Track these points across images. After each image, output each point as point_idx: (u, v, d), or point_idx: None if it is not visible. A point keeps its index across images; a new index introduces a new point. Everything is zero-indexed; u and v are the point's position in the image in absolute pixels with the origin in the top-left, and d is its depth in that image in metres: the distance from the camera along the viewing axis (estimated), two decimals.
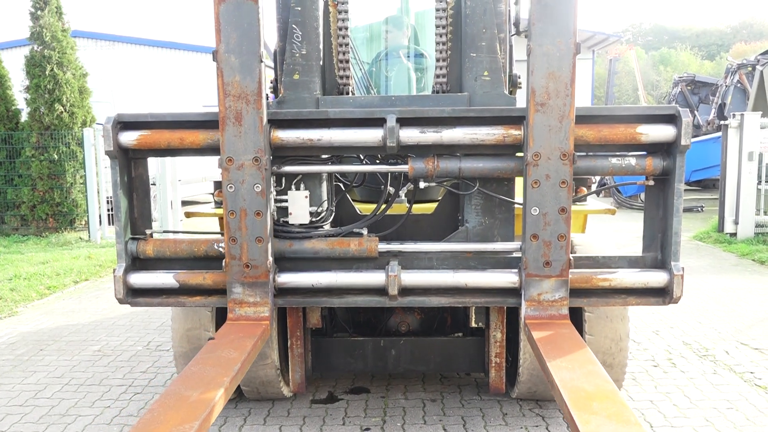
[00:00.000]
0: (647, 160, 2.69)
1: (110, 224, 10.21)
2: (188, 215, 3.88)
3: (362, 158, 3.14)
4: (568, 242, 2.62)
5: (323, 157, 2.94)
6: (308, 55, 2.98)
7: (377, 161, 3.06)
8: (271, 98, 3.17)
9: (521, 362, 3.35)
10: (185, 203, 10.21)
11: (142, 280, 2.86)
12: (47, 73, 10.21)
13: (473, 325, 3.49)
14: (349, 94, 3.17)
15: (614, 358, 3.32)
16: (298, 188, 2.95)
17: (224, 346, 2.51)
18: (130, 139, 2.73)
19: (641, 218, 2.96)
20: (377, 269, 2.84)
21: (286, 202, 2.93)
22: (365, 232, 2.96)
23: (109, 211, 10.19)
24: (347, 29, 3.13)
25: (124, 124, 2.75)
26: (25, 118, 10.71)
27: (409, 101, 3.00)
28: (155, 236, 2.97)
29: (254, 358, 2.59)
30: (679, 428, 3.50)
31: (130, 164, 2.86)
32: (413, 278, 2.80)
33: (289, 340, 3.53)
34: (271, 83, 3.62)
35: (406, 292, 2.82)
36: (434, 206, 3.42)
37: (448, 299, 2.83)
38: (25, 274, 7.43)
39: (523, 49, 2.69)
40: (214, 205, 4.01)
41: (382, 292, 2.82)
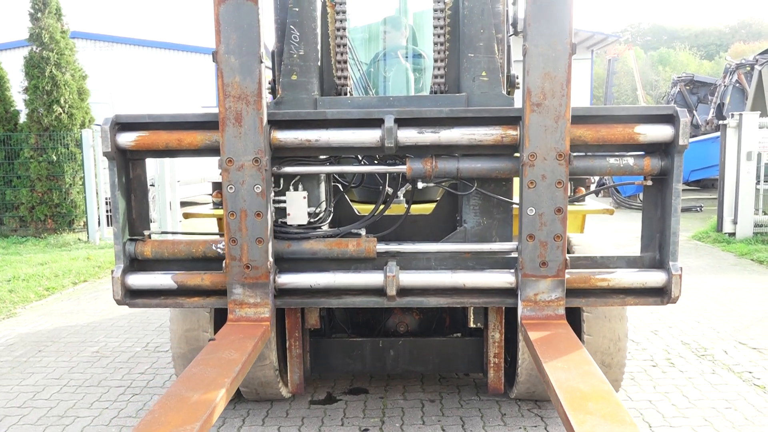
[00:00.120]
0: (645, 160, 2.69)
1: (109, 225, 10.20)
2: (186, 216, 3.88)
3: (361, 159, 3.14)
4: (564, 242, 2.62)
5: (321, 157, 2.94)
6: (306, 55, 2.98)
7: (375, 162, 3.06)
8: (269, 99, 3.17)
9: (520, 362, 3.35)
10: (184, 204, 10.21)
11: (140, 281, 2.85)
12: (46, 74, 10.21)
13: (472, 325, 3.49)
14: (347, 94, 3.17)
15: (613, 358, 3.32)
16: (296, 189, 2.95)
17: (225, 347, 2.50)
18: (127, 140, 2.73)
19: (640, 218, 2.96)
20: (375, 270, 2.83)
21: (284, 202, 2.92)
22: (363, 232, 2.96)
23: (107, 212, 10.20)
24: (345, 30, 3.13)
25: (121, 125, 2.75)
26: (23, 119, 10.70)
27: (407, 102, 3.00)
28: (153, 237, 2.97)
29: (255, 359, 2.59)
30: (677, 428, 3.50)
31: (128, 165, 2.85)
32: (411, 279, 2.80)
33: (287, 340, 3.53)
34: (269, 84, 3.62)
35: (404, 292, 2.82)
36: (432, 207, 3.42)
37: (446, 299, 2.83)
38: (23, 275, 7.42)
39: (521, 49, 2.69)
40: (212, 206, 4.01)
41: (380, 292, 2.82)
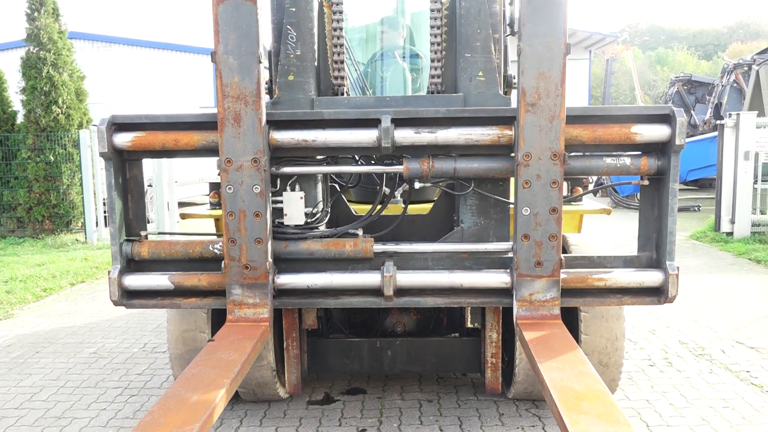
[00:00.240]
0: (642, 159, 2.68)
1: (107, 226, 10.18)
2: (183, 217, 3.87)
3: (357, 159, 3.14)
4: (559, 242, 2.62)
5: (318, 158, 2.93)
6: (303, 56, 2.97)
7: (372, 162, 3.05)
8: (266, 99, 3.17)
9: (517, 362, 3.35)
10: (182, 204, 10.20)
11: (137, 281, 2.84)
12: (43, 74, 10.19)
13: (469, 325, 3.49)
14: (344, 94, 3.16)
15: (610, 357, 3.33)
16: (293, 189, 2.94)
17: (224, 347, 2.50)
18: (124, 140, 2.72)
19: (638, 218, 2.96)
20: (373, 270, 2.83)
21: (281, 203, 2.92)
22: (361, 232, 2.95)
23: (105, 212, 10.18)
24: (342, 30, 3.13)
25: (118, 125, 2.74)
26: (21, 119, 10.69)
27: (404, 102, 2.99)
28: (150, 238, 2.97)
29: (254, 359, 2.59)
30: (675, 427, 3.50)
31: (124, 166, 2.85)
32: (409, 279, 2.80)
33: (285, 341, 3.52)
34: (266, 84, 3.61)
35: (401, 292, 2.82)
36: (429, 207, 3.42)
37: (443, 300, 2.82)
38: (21, 276, 7.42)
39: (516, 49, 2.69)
40: (209, 206, 4.00)
41: (377, 292, 2.81)
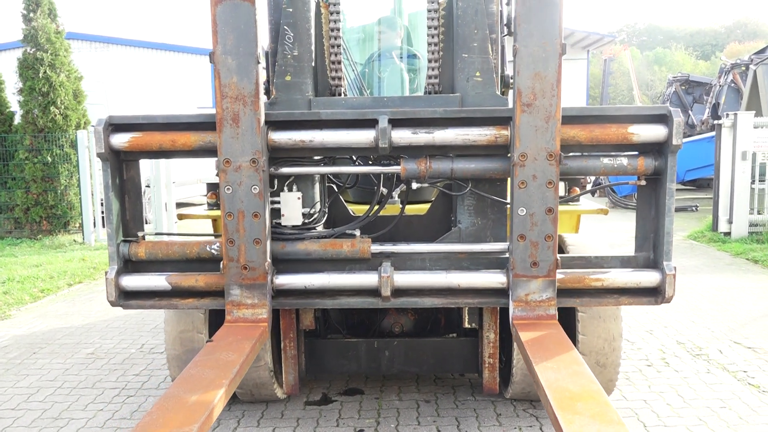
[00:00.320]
0: (639, 160, 2.69)
1: (104, 226, 10.14)
2: (181, 217, 3.87)
3: (355, 159, 3.14)
4: (555, 243, 2.62)
5: (316, 158, 2.93)
6: (300, 56, 2.97)
7: (370, 162, 3.05)
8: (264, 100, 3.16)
9: (515, 363, 3.35)
10: (180, 205, 10.19)
11: (134, 282, 2.84)
12: (40, 75, 10.16)
13: (467, 325, 3.49)
14: (341, 95, 3.16)
15: (607, 357, 3.33)
16: (290, 190, 2.94)
17: (223, 348, 2.50)
18: (121, 141, 2.72)
19: (635, 218, 2.97)
20: (370, 270, 2.83)
21: (278, 203, 2.92)
22: (358, 233, 2.95)
23: (103, 213, 10.15)
24: (339, 30, 3.12)
25: (115, 126, 2.73)
26: (18, 120, 10.67)
27: (401, 102, 2.99)
28: (147, 238, 2.96)
29: (253, 360, 2.58)
30: (672, 427, 3.50)
31: (121, 166, 2.84)
32: (406, 279, 2.79)
33: (282, 341, 3.52)
34: (263, 85, 3.61)
35: (399, 293, 2.81)
36: (427, 207, 3.42)
37: (441, 300, 2.82)
38: (18, 277, 7.40)
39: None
40: (206, 207, 4.00)
41: (375, 293, 2.81)
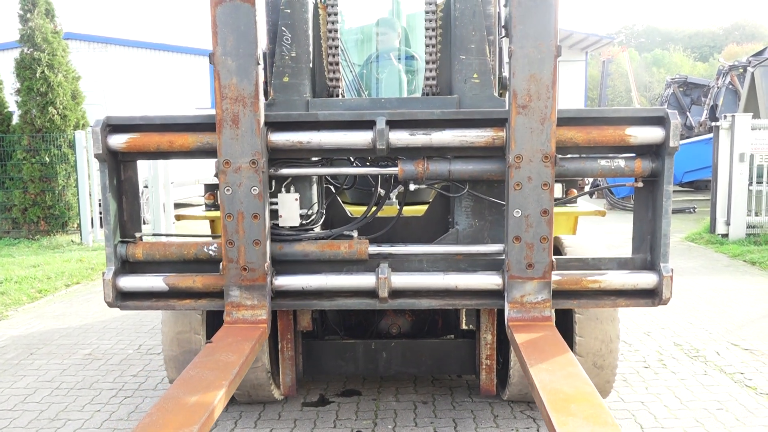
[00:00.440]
0: (636, 161, 2.69)
1: (102, 227, 10.14)
2: (178, 218, 3.87)
3: (353, 160, 3.14)
4: (550, 244, 2.62)
5: (313, 159, 2.93)
6: (298, 57, 2.97)
7: (367, 163, 3.05)
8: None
9: (512, 364, 3.35)
10: (178, 206, 10.18)
11: (131, 283, 2.84)
12: (38, 75, 10.15)
13: (464, 327, 3.49)
14: (339, 96, 3.16)
15: (604, 359, 3.33)
16: (288, 191, 2.94)
17: (222, 349, 2.50)
18: (119, 141, 2.72)
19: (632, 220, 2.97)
20: (368, 272, 2.83)
21: (275, 204, 2.92)
22: (356, 234, 2.95)
23: (101, 213, 10.15)
24: (337, 32, 3.13)
25: (113, 126, 2.73)
26: (16, 120, 10.65)
27: (398, 104, 3.00)
28: (145, 239, 2.96)
29: (252, 361, 2.59)
30: (669, 429, 3.50)
31: (119, 167, 2.84)
32: (403, 280, 2.80)
33: (279, 343, 3.52)
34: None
35: (396, 294, 2.81)
36: (425, 208, 3.42)
37: (438, 301, 2.82)
38: (16, 277, 7.39)
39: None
40: (204, 208, 4.00)
41: (372, 294, 2.81)
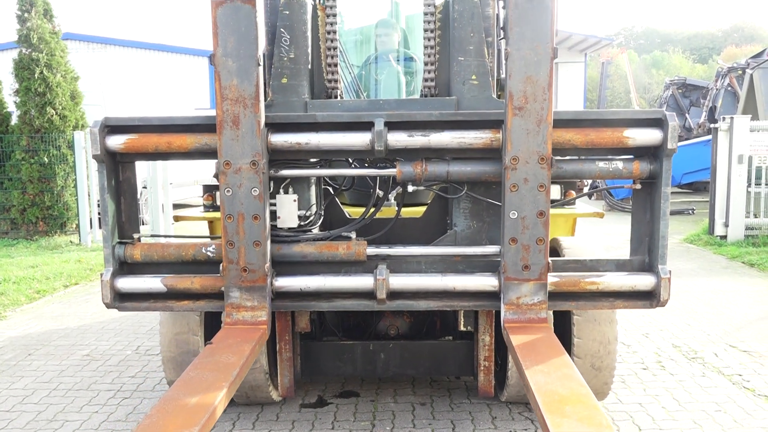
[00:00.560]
0: (634, 163, 2.69)
1: (101, 227, 10.12)
2: (177, 219, 3.87)
3: (351, 162, 3.14)
4: (546, 246, 2.63)
5: (312, 160, 2.93)
6: (296, 58, 2.97)
7: (366, 165, 3.06)
8: None
9: (510, 366, 3.35)
10: (177, 206, 10.17)
11: (129, 284, 2.84)
12: (36, 75, 10.13)
13: (462, 328, 3.49)
14: (337, 97, 3.16)
15: (603, 361, 3.33)
16: (286, 192, 2.95)
17: (222, 350, 2.49)
18: (117, 143, 2.72)
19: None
20: (366, 273, 2.83)
21: (274, 206, 2.92)
22: (354, 235, 2.95)
23: (99, 214, 10.14)
24: (336, 33, 3.13)
25: (111, 128, 2.73)
26: (15, 121, 10.64)
27: (397, 105, 3.00)
28: (143, 240, 2.96)
29: (252, 362, 2.58)
30: (667, 431, 3.50)
31: (117, 168, 2.84)
32: (401, 282, 2.80)
33: (277, 344, 3.51)
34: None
35: (394, 295, 2.81)
36: (423, 210, 3.42)
37: (436, 303, 2.82)
38: (14, 278, 7.38)
39: None
40: (203, 208, 4.00)
41: (370, 295, 2.81)
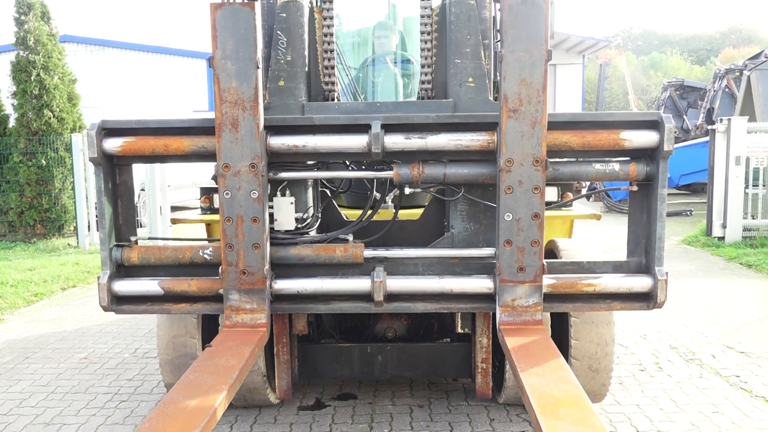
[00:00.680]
0: (631, 165, 2.70)
1: (99, 230, 10.11)
2: (174, 222, 3.87)
3: (348, 164, 3.14)
4: (541, 248, 2.63)
5: (309, 163, 2.93)
6: (293, 61, 2.98)
7: (363, 167, 3.06)
8: None
9: (507, 368, 3.35)
10: (175, 209, 10.16)
11: (126, 287, 2.84)
12: (33, 78, 10.13)
13: (459, 330, 3.49)
14: (334, 100, 3.17)
15: (600, 362, 3.33)
16: (283, 195, 2.95)
17: (222, 353, 2.49)
18: (114, 145, 2.72)
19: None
20: (363, 275, 2.83)
21: (271, 208, 2.92)
22: (351, 238, 2.95)
23: (97, 217, 10.11)
24: (332, 35, 3.13)
25: (108, 130, 2.74)
26: (12, 123, 10.63)
27: (394, 107, 3.00)
28: (140, 243, 2.96)
29: (251, 365, 2.58)
30: None
31: (114, 171, 2.85)
32: (399, 284, 2.80)
33: (275, 346, 3.51)
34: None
35: (391, 298, 2.82)
36: (420, 212, 3.42)
37: (433, 305, 2.82)
38: (11, 281, 7.37)
39: None
40: (200, 211, 4.00)
41: (368, 298, 2.81)
